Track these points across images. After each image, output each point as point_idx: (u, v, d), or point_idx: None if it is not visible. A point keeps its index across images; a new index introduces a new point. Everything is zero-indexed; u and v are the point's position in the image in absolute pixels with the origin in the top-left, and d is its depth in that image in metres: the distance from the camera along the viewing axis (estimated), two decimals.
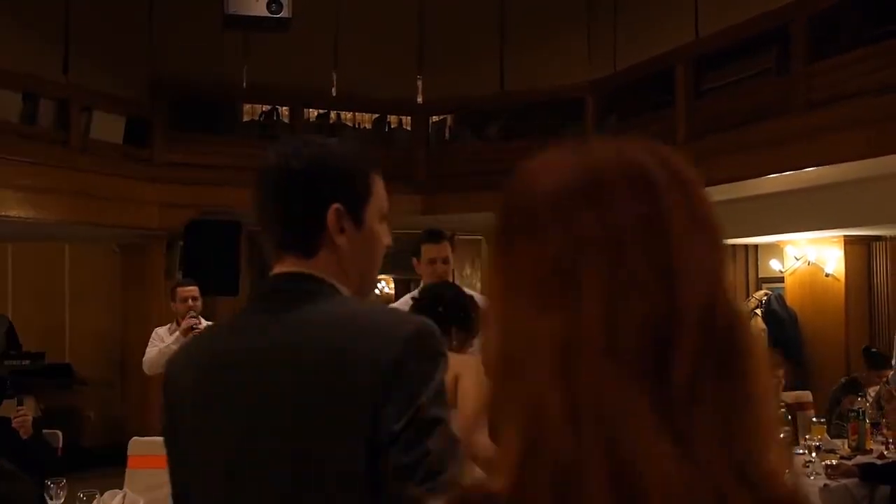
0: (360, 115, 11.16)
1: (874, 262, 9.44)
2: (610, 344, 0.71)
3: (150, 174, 9.05)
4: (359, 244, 1.51)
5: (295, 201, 1.49)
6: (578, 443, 0.69)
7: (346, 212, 1.49)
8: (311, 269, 1.48)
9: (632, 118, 9.29)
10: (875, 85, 6.33)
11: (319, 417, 1.38)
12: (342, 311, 1.47)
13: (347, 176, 1.51)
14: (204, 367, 1.53)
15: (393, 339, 1.37)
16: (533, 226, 0.81)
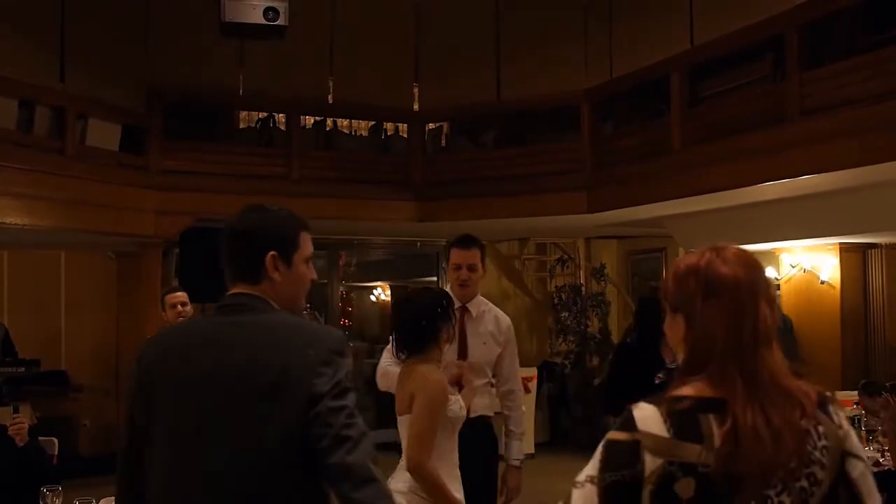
0: (356, 123, 11.19)
1: (869, 269, 9.46)
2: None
3: (146, 182, 9.06)
4: (288, 279, 2.29)
5: (245, 249, 2.29)
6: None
7: (280, 257, 2.27)
8: (255, 291, 2.25)
9: (628, 126, 9.32)
10: (868, 94, 6.35)
11: (252, 388, 2.09)
12: (275, 319, 2.23)
13: (280, 235, 2.30)
14: (171, 351, 2.26)
15: (322, 340, 2.16)
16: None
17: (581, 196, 9.32)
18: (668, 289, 1.88)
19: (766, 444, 1.65)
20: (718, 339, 1.75)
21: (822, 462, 1.72)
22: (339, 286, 12.72)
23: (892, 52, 6.33)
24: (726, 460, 1.64)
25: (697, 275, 1.81)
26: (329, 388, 2.08)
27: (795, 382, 1.80)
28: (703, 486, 1.64)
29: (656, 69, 8.62)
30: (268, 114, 10.35)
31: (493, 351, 4.40)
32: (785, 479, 1.67)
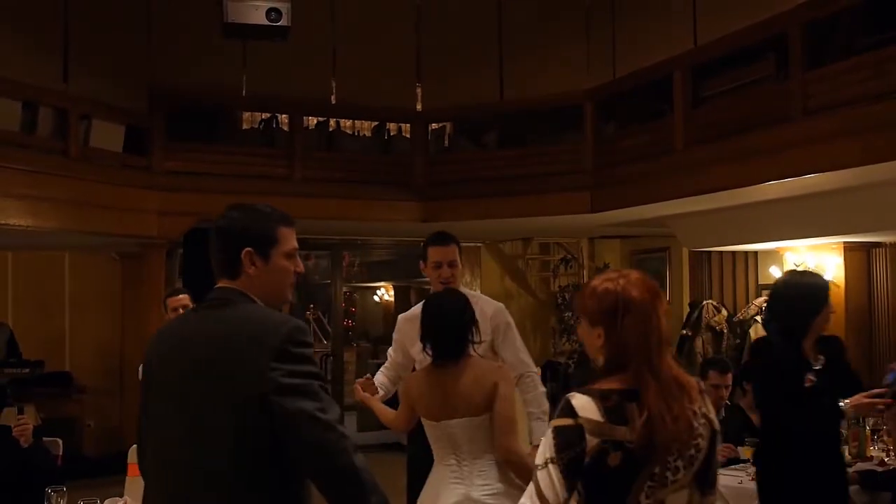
0: (359, 123, 11.19)
1: (874, 268, 9.45)
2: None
3: (150, 182, 9.06)
4: (265, 273, 2.41)
5: (225, 246, 2.43)
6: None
7: (256, 253, 2.40)
8: (235, 285, 2.40)
9: (630, 126, 9.31)
10: (870, 93, 6.34)
11: (226, 371, 2.24)
12: (239, 312, 2.35)
13: (255, 232, 2.41)
14: (166, 341, 2.47)
15: (276, 329, 2.25)
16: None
17: (584, 196, 9.31)
18: (586, 306, 2.38)
19: (669, 425, 2.21)
20: (632, 346, 2.28)
21: (702, 434, 2.29)
22: (343, 286, 12.72)
23: (894, 51, 6.31)
24: (644, 438, 2.19)
25: (616, 297, 2.33)
26: (283, 385, 2.19)
27: (684, 375, 2.33)
28: (626, 457, 2.19)
29: (659, 69, 8.61)
30: (271, 114, 10.35)
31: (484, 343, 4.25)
32: (681, 449, 2.24)
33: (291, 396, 2.19)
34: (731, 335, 9.88)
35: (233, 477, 2.22)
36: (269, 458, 2.22)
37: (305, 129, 10.20)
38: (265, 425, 2.19)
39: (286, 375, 2.20)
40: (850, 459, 5.34)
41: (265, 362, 2.20)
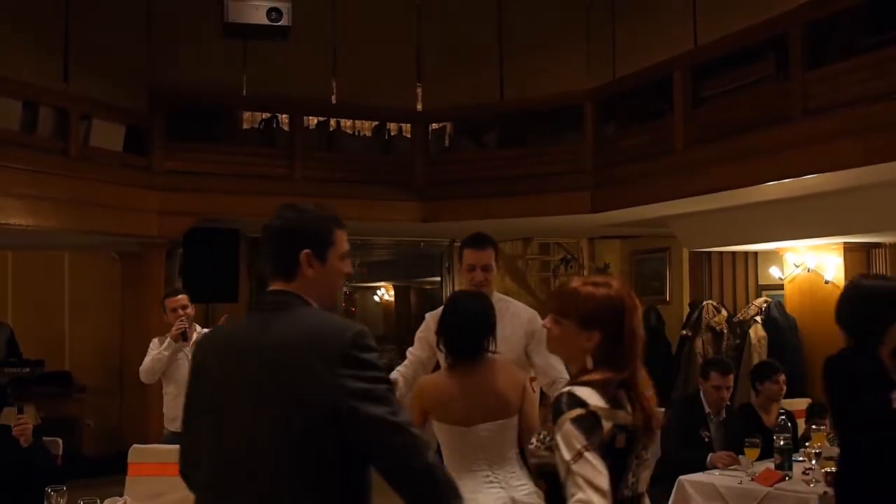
0: (359, 123, 11.18)
1: (873, 269, 9.44)
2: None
3: (150, 182, 9.06)
4: (322, 275, 2.41)
5: (281, 247, 2.41)
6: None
7: (314, 255, 2.39)
8: (290, 288, 2.38)
9: (630, 126, 9.31)
10: (870, 93, 6.34)
11: (292, 377, 2.23)
12: (308, 316, 2.34)
13: (314, 233, 2.41)
14: (219, 345, 2.47)
15: (341, 335, 2.24)
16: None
17: (584, 196, 9.31)
18: (579, 310, 2.54)
19: (654, 409, 2.52)
20: (630, 346, 2.53)
21: None
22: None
23: (894, 51, 6.32)
24: (644, 420, 2.47)
25: (621, 303, 2.55)
26: (352, 390, 2.19)
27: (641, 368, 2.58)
28: (629, 439, 2.43)
29: (659, 69, 8.61)
30: (271, 114, 10.35)
31: (516, 347, 4.24)
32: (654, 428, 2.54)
33: (361, 402, 2.19)
34: (731, 336, 9.88)
35: (293, 481, 2.22)
36: (333, 463, 2.23)
37: (305, 129, 10.20)
38: (332, 431, 2.19)
39: (354, 381, 2.20)
40: None
41: (332, 369, 2.20)
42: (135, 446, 5.02)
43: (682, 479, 5.09)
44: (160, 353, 6.09)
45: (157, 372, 6.15)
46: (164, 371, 6.18)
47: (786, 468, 4.98)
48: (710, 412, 5.79)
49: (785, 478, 4.91)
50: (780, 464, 5.01)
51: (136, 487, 4.75)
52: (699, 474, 5.16)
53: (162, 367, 6.14)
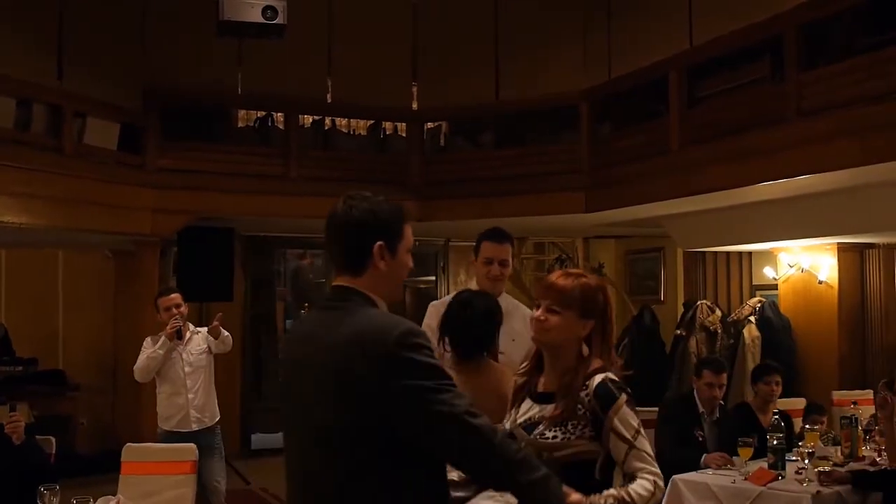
0: (355, 122, 11.18)
1: (867, 269, 9.47)
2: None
3: (144, 180, 9.05)
4: (392, 268, 2.34)
5: (353, 238, 2.32)
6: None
7: (386, 247, 2.31)
8: (356, 284, 2.32)
9: (626, 126, 9.32)
10: (866, 94, 6.35)
11: (346, 379, 2.17)
12: (360, 317, 2.25)
13: (387, 224, 2.34)
14: (291, 340, 2.55)
15: (388, 334, 2.17)
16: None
17: (579, 196, 9.32)
18: (577, 300, 2.64)
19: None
20: (611, 333, 2.70)
21: None
22: None
23: (890, 53, 6.32)
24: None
25: (602, 293, 2.70)
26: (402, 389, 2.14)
27: None
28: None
29: (655, 69, 8.62)
30: (266, 113, 10.34)
31: (524, 348, 4.28)
32: None
33: (413, 400, 2.13)
34: (724, 335, 9.90)
35: (354, 481, 2.20)
36: (394, 463, 2.18)
37: (301, 128, 10.19)
38: (386, 433, 2.15)
39: (404, 379, 2.14)
40: (842, 460, 5.36)
41: (377, 370, 2.14)
42: (128, 445, 5.02)
43: (675, 478, 5.10)
44: (155, 351, 6.08)
45: (151, 371, 6.15)
46: (158, 370, 6.18)
47: (779, 468, 4.99)
48: (704, 412, 5.80)
49: (778, 477, 4.92)
50: (773, 463, 5.02)
51: (130, 486, 4.75)
52: (693, 473, 5.16)
53: (156, 366, 6.13)
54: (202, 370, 6.30)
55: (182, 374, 6.18)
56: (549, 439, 2.57)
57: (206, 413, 6.24)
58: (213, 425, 6.30)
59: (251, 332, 11.54)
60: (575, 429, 2.56)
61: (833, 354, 9.26)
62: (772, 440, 5.08)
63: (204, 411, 6.24)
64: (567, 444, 2.55)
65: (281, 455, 2.47)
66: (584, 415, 2.57)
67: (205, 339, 6.38)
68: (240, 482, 9.02)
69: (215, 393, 6.43)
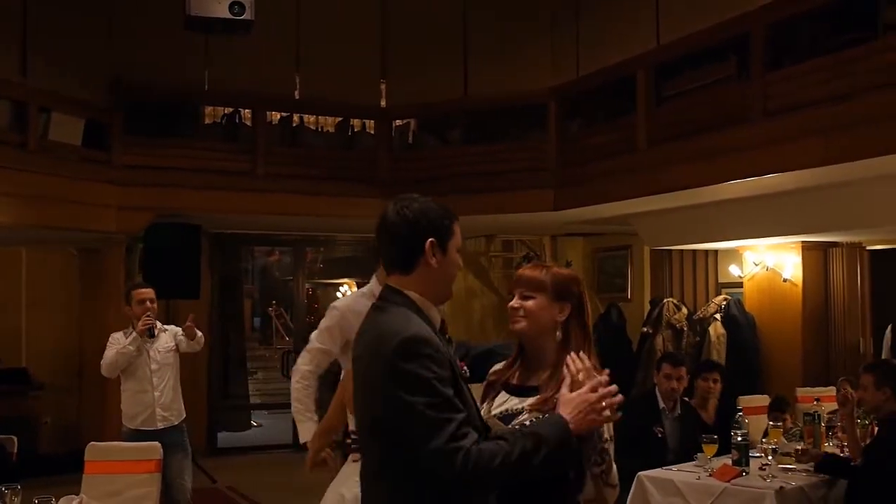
0: (323, 119, 11.14)
1: (831, 267, 9.58)
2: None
3: (109, 176, 8.96)
4: (443, 265, 2.38)
5: (405, 236, 2.37)
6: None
7: (437, 245, 2.35)
8: (404, 283, 2.37)
9: (594, 124, 9.36)
10: (830, 94, 6.42)
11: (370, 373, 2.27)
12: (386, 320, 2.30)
13: (439, 222, 2.38)
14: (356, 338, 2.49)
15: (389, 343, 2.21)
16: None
17: (547, 194, 9.35)
18: (549, 283, 2.65)
19: None
20: (587, 325, 2.68)
21: None
22: (305, 283, 12.67)
23: (854, 53, 6.40)
24: None
25: (575, 283, 2.70)
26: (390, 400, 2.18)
27: None
28: None
29: (622, 68, 8.66)
30: (233, 109, 10.28)
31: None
32: None
33: (397, 412, 2.17)
34: (690, 333, 9.98)
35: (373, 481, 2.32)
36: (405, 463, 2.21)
37: (269, 125, 10.14)
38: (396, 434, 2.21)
39: (394, 389, 2.17)
40: None
41: (383, 372, 2.21)
42: (92, 444, 4.98)
43: (640, 474, 5.13)
44: (125, 347, 6.00)
45: (120, 366, 6.06)
46: (125, 367, 6.11)
47: (743, 464, 5.04)
48: (665, 408, 5.83)
49: (742, 473, 4.96)
50: (737, 460, 5.07)
51: (93, 485, 4.70)
52: (658, 470, 5.20)
53: (126, 362, 6.05)
54: (169, 368, 6.24)
55: (149, 371, 6.12)
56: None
57: (172, 411, 6.19)
58: (179, 423, 6.25)
59: (218, 330, 11.47)
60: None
61: (797, 352, 9.36)
62: (735, 437, 5.12)
63: (170, 409, 6.18)
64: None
65: (246, 453, 2.48)
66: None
67: (172, 338, 6.32)
68: (206, 480, 8.97)
69: (181, 391, 6.39)
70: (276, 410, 13.00)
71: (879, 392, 5.01)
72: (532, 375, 2.67)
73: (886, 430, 4.97)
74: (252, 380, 14.02)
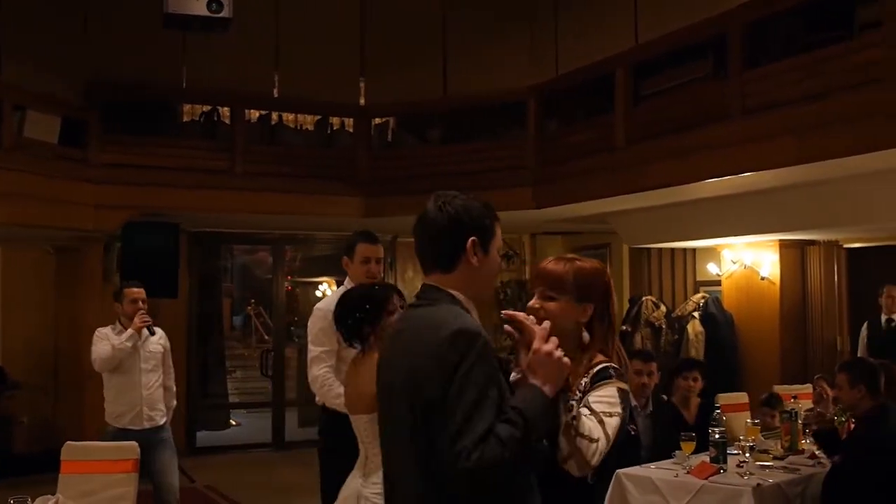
0: (301, 117, 11.11)
1: (808, 265, 9.64)
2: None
3: (86, 175, 8.90)
4: (484, 265, 2.34)
5: (447, 234, 2.31)
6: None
7: (479, 243, 2.31)
8: (444, 282, 2.33)
9: (573, 123, 9.38)
10: (806, 93, 6.46)
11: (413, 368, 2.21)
12: (438, 313, 2.26)
13: (481, 221, 2.34)
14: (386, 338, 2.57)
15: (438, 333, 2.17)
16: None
17: (526, 192, 9.36)
18: (572, 283, 2.54)
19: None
20: (614, 319, 2.61)
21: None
22: (285, 281, 12.63)
23: (831, 52, 6.44)
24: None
25: (600, 276, 2.59)
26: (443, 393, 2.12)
27: None
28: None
29: (601, 66, 8.68)
30: (212, 107, 10.23)
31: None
32: None
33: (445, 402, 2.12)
34: (669, 331, 10.02)
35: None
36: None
37: (247, 123, 10.10)
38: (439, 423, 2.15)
39: (442, 378, 2.13)
40: (782, 453, 5.45)
41: (432, 366, 2.16)
42: (68, 443, 4.94)
43: (618, 472, 5.14)
44: (123, 343, 5.96)
45: (115, 362, 6.03)
46: (118, 364, 6.08)
47: (720, 461, 5.06)
48: (637, 405, 5.84)
49: (720, 471, 4.98)
50: (714, 457, 5.09)
51: (70, 485, 4.67)
52: (636, 468, 5.21)
53: (121, 358, 6.04)
54: (158, 368, 6.26)
55: (139, 370, 6.12)
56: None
57: (157, 411, 6.19)
58: (164, 423, 6.25)
59: (197, 329, 11.40)
60: (568, 416, 2.40)
61: (775, 349, 9.42)
62: (713, 434, 5.14)
63: (155, 409, 6.18)
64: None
65: (225, 452, 2.46)
66: (577, 400, 2.45)
67: (162, 338, 6.33)
68: (185, 480, 8.91)
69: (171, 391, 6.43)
70: (254, 409, 12.97)
71: (854, 390, 5.04)
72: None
73: (863, 428, 5.01)
74: (231, 379, 13.97)
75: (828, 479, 4.94)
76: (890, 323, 8.49)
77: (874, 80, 5.96)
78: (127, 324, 6.04)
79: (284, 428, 11.47)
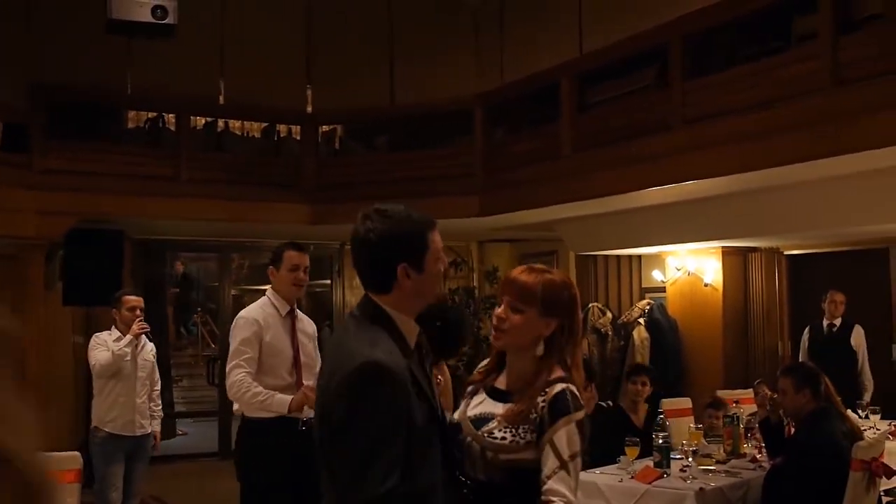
0: (248, 124, 11.04)
1: (750, 272, 9.81)
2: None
3: (28, 181, 8.75)
4: (420, 283, 2.29)
5: (374, 264, 2.29)
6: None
7: (410, 266, 2.25)
8: (382, 300, 2.29)
9: (519, 131, 9.44)
10: (747, 103, 6.58)
11: (328, 389, 2.24)
12: (358, 336, 2.26)
13: (409, 243, 2.26)
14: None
15: (352, 366, 2.17)
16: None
17: (473, 200, 9.40)
18: (540, 296, 2.52)
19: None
20: (578, 336, 2.59)
21: None
22: (231, 289, 12.53)
23: (770, 63, 6.57)
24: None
25: (570, 290, 2.57)
26: (335, 426, 2.18)
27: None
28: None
29: (546, 75, 8.76)
30: (157, 114, 10.12)
31: (313, 350, 4.84)
32: None
33: (334, 455, 2.20)
34: (615, 337, 10.13)
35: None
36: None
37: (193, 130, 10.01)
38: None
39: (336, 422, 2.19)
40: (724, 457, 5.54)
41: (337, 395, 2.21)
42: None
43: None
44: (122, 349, 6.17)
45: (115, 368, 6.20)
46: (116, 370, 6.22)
47: (664, 466, 5.14)
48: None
49: (663, 475, 5.06)
50: (658, 462, 5.16)
51: None
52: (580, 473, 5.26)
53: (120, 364, 6.18)
54: (149, 376, 6.46)
55: (135, 377, 6.23)
56: (497, 439, 2.48)
57: (146, 419, 6.36)
58: (151, 432, 6.40)
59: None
60: (525, 433, 2.46)
61: (717, 354, 9.56)
62: (657, 439, 5.22)
63: (146, 417, 6.39)
64: (514, 448, 2.46)
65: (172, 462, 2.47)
66: (534, 420, 2.46)
67: (153, 349, 6.58)
68: None
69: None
70: (201, 418, 12.82)
71: (800, 395, 4.99)
72: (513, 381, 2.61)
73: (804, 432, 5.07)
74: (177, 387, 13.81)
75: (768, 482, 5.03)
76: (832, 328, 8.65)
77: (815, 90, 6.08)
78: (124, 330, 6.22)
79: (231, 437, 11.37)
